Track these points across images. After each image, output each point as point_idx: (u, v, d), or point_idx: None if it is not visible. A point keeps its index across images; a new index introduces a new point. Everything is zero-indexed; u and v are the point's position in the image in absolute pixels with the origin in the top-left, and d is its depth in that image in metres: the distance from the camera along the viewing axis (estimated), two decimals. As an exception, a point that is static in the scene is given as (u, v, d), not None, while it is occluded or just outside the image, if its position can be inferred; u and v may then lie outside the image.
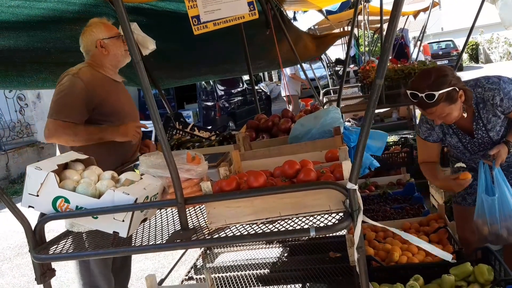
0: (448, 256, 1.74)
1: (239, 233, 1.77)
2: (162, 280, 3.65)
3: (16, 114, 10.70)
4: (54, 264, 1.97)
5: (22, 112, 10.81)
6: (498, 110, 2.37)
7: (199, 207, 2.25)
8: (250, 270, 3.66)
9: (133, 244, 1.88)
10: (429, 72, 2.32)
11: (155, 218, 2.21)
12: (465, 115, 2.36)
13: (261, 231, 1.77)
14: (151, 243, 1.82)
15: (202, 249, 4.12)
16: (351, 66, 11.72)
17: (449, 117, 2.34)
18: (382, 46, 1.63)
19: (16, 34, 2.94)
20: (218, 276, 3.62)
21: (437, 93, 2.22)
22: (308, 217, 1.80)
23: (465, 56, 26.89)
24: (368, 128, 1.60)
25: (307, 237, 4.04)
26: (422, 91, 2.24)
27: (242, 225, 1.84)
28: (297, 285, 3.45)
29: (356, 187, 1.66)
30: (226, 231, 1.87)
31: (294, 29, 5.13)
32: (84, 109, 2.59)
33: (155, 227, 2.06)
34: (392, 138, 6.72)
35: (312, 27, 9.16)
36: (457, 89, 2.27)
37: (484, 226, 2.38)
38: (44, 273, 1.87)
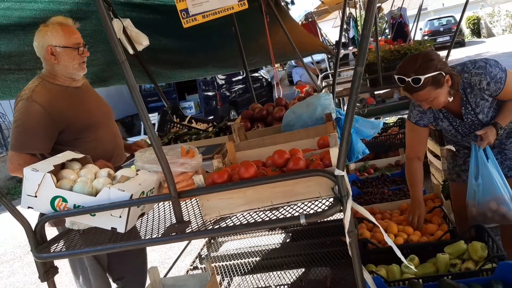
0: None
1: (232, 224, 1.81)
2: (167, 272, 3.73)
3: (19, 114, 10.77)
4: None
5: (25, 112, 10.87)
6: (485, 94, 2.39)
7: (196, 199, 2.29)
8: (254, 257, 3.73)
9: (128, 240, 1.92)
10: (415, 57, 2.34)
11: (153, 213, 2.26)
12: (450, 99, 2.38)
13: (253, 220, 1.81)
14: (147, 237, 1.87)
15: (206, 239, 4.19)
16: (350, 48, 11.66)
17: (436, 102, 2.36)
18: (361, 33, 1.65)
19: (7, 38, 2.92)
20: (223, 265, 3.70)
21: (423, 77, 2.24)
22: (299, 205, 1.84)
23: (467, 31, 26.65)
24: (352, 115, 1.63)
25: (308, 223, 4.09)
26: (408, 76, 2.27)
27: (235, 215, 1.88)
28: (300, 270, 3.52)
29: (343, 173, 1.69)
30: (226, 221, 1.92)
31: (289, 19, 5.09)
32: (47, 136, 2.37)
33: (153, 221, 2.11)
34: (393, 119, 6.74)
35: (308, 11, 9.12)
36: (444, 74, 2.28)
37: (473, 207, 2.44)
38: (47, 271, 1.94)
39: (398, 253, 1.82)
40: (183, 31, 4.41)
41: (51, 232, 2.16)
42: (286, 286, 3.41)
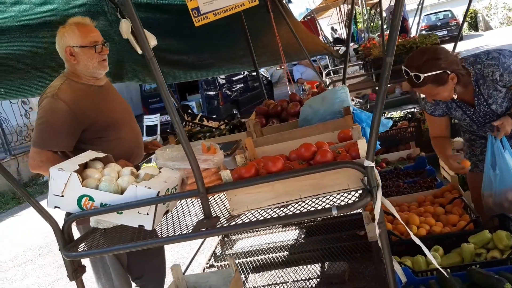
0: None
1: (262, 218, 1.81)
2: (184, 270, 3.73)
3: (22, 119, 10.79)
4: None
5: (28, 116, 10.90)
6: (499, 85, 2.39)
7: (218, 195, 2.29)
8: (269, 254, 3.73)
9: (159, 236, 1.92)
10: (423, 53, 2.38)
11: (177, 210, 2.26)
12: (455, 96, 2.41)
13: (283, 214, 1.81)
14: (177, 233, 1.87)
15: (220, 237, 4.19)
16: (351, 44, 11.67)
17: (438, 97, 2.41)
18: (391, 23, 1.66)
19: (20, 40, 2.93)
20: (238, 262, 3.70)
21: (423, 76, 2.28)
22: (327, 197, 1.84)
23: (464, 24, 26.61)
24: (382, 106, 1.63)
25: (321, 218, 4.10)
26: (411, 71, 2.30)
27: (264, 209, 1.88)
28: (317, 265, 3.51)
29: (373, 164, 1.69)
30: (247, 216, 1.92)
31: (292, 18, 5.06)
32: (71, 134, 2.37)
33: (178, 218, 2.11)
34: (398, 113, 6.74)
35: (310, 9, 9.11)
36: (448, 72, 2.29)
37: (489, 198, 2.45)
38: (76, 269, 1.93)
39: (423, 246, 1.82)
40: (189, 31, 4.43)
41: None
42: (303, 282, 3.41)
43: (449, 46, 5.36)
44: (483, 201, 2.53)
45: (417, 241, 1.82)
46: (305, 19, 11.66)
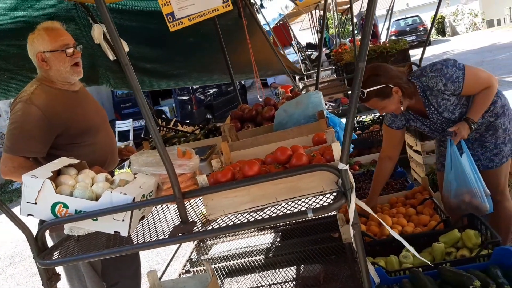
0: None
1: (239, 222, 1.83)
2: (160, 276, 3.70)
3: (-11, 125, 10.51)
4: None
5: (-5, 123, 10.63)
6: (445, 94, 2.52)
7: (194, 200, 2.30)
8: (244, 258, 3.74)
9: (135, 242, 1.92)
10: (366, 71, 2.51)
11: (152, 216, 2.25)
12: (402, 108, 2.55)
13: (260, 217, 1.83)
14: (154, 239, 1.87)
15: (195, 242, 4.18)
16: (323, 49, 11.82)
17: (386, 110, 2.58)
18: (363, 29, 1.72)
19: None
20: (214, 267, 3.69)
21: (365, 91, 2.46)
22: (303, 200, 1.87)
23: (432, 30, 27.28)
24: (355, 109, 1.67)
25: (296, 221, 4.13)
26: None
27: (240, 213, 1.89)
28: (292, 268, 3.54)
29: (347, 167, 1.73)
30: (224, 221, 1.93)
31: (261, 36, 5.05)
32: (44, 139, 2.33)
33: (154, 224, 2.11)
34: (369, 117, 6.86)
35: (281, 14, 9.19)
36: (391, 86, 2.46)
37: (448, 198, 2.60)
38: (50, 278, 1.90)
39: (405, 243, 1.87)
40: (163, 40, 4.41)
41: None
42: (279, 285, 3.43)
43: (417, 51, 5.50)
44: (444, 202, 2.65)
45: (397, 237, 1.87)
46: (278, 24, 11.76)
